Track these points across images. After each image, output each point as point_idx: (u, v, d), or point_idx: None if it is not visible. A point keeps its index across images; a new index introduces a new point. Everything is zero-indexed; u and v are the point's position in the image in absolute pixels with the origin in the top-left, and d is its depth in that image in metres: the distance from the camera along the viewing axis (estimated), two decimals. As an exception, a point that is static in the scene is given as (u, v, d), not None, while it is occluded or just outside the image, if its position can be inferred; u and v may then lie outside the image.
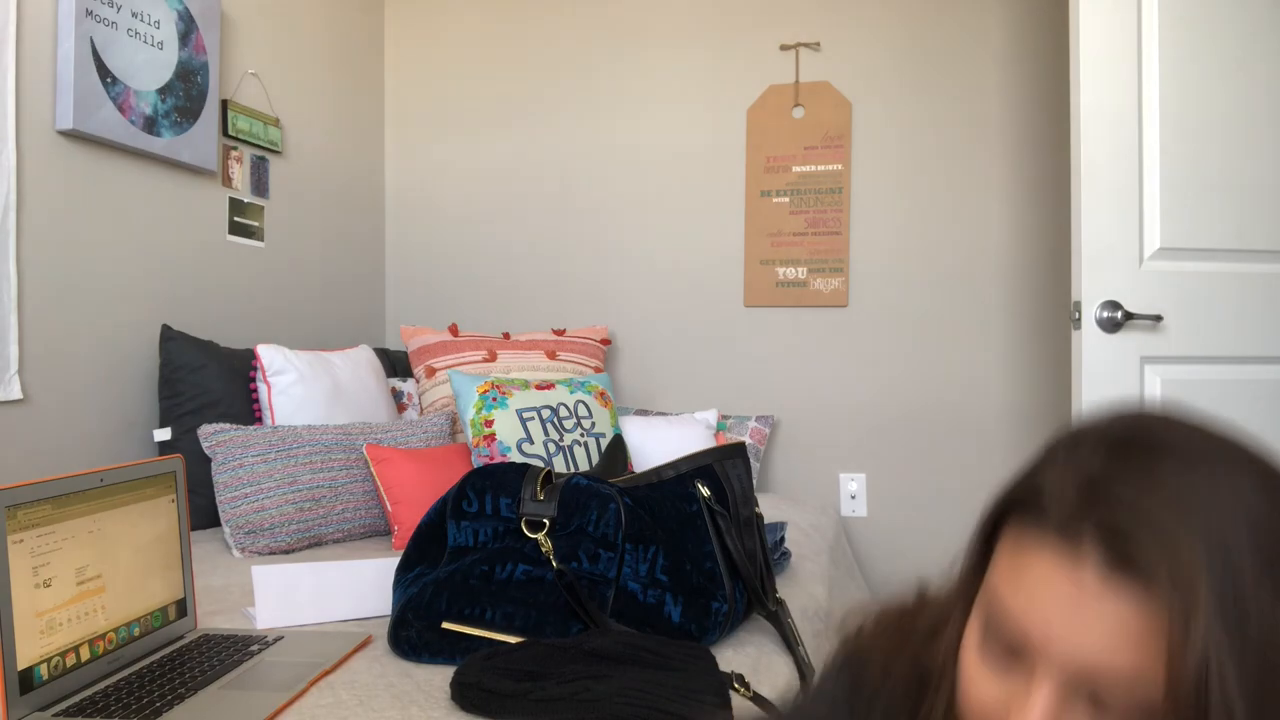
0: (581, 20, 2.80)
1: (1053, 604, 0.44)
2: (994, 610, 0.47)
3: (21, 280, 1.68)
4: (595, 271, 2.78)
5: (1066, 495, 0.44)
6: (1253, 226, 1.73)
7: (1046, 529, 0.45)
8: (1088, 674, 0.43)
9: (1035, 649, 0.45)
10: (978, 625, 0.49)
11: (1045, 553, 0.45)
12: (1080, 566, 0.43)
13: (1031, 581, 0.45)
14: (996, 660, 0.47)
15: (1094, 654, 0.42)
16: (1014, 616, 0.46)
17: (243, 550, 1.69)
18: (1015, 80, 2.45)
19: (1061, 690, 0.44)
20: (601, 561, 1.13)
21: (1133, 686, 0.42)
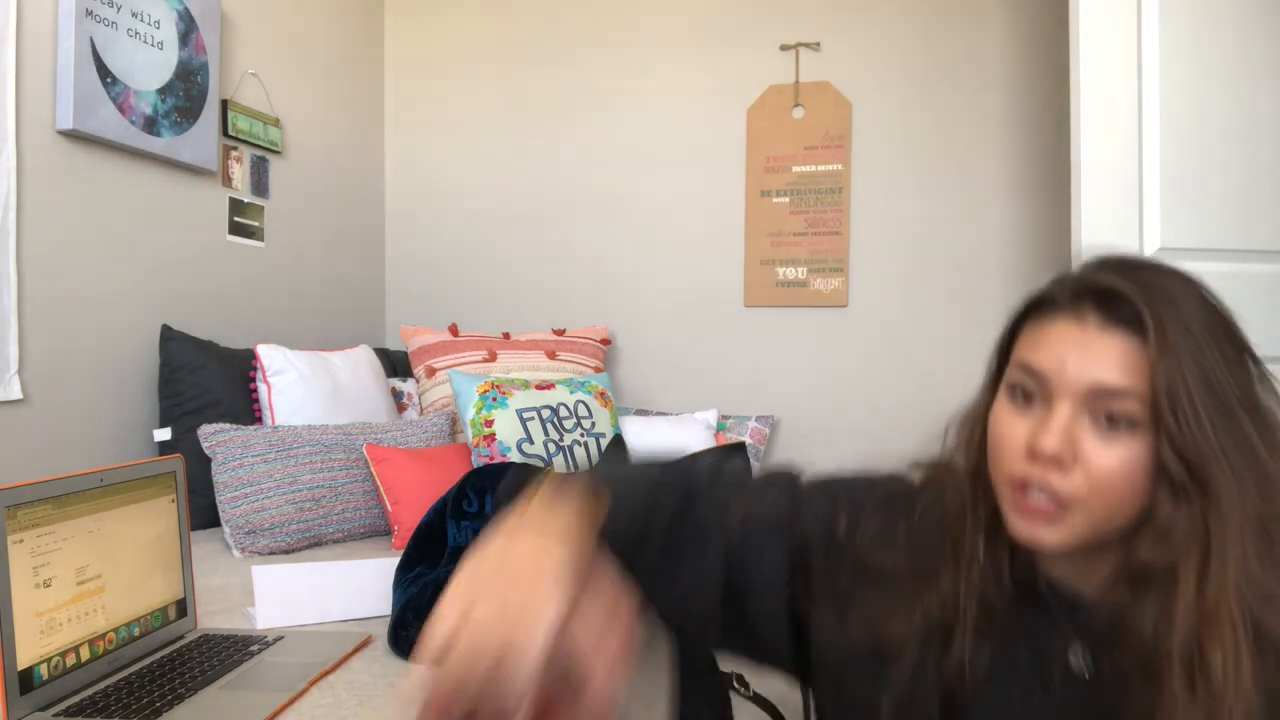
0: (581, 20, 2.80)
1: (1066, 348, 0.62)
2: (1019, 372, 0.65)
3: (21, 280, 1.68)
4: (595, 271, 2.78)
5: (1071, 283, 0.65)
6: (1253, 226, 1.73)
7: (1058, 308, 0.64)
8: (1092, 392, 0.61)
9: (1054, 382, 0.62)
10: (1004, 393, 0.67)
11: (1057, 320, 0.64)
12: (1085, 323, 0.62)
13: (1050, 340, 0.63)
14: (1022, 405, 0.64)
15: (1096, 376, 0.60)
16: (1037, 365, 0.63)
17: (243, 550, 1.69)
18: (1015, 80, 2.45)
19: (1074, 407, 0.61)
20: (601, 561, 1.13)
21: (1123, 399, 0.60)
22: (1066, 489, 0.60)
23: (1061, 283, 0.67)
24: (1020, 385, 0.65)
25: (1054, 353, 0.63)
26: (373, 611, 1.27)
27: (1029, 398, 0.64)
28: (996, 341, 0.72)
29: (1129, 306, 0.61)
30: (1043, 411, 0.63)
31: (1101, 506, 0.61)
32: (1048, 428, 0.61)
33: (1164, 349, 0.59)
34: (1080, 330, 0.62)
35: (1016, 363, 0.66)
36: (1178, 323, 0.61)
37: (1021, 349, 0.66)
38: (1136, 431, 0.60)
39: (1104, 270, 0.65)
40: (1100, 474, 0.60)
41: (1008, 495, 0.65)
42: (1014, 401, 0.65)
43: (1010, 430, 0.64)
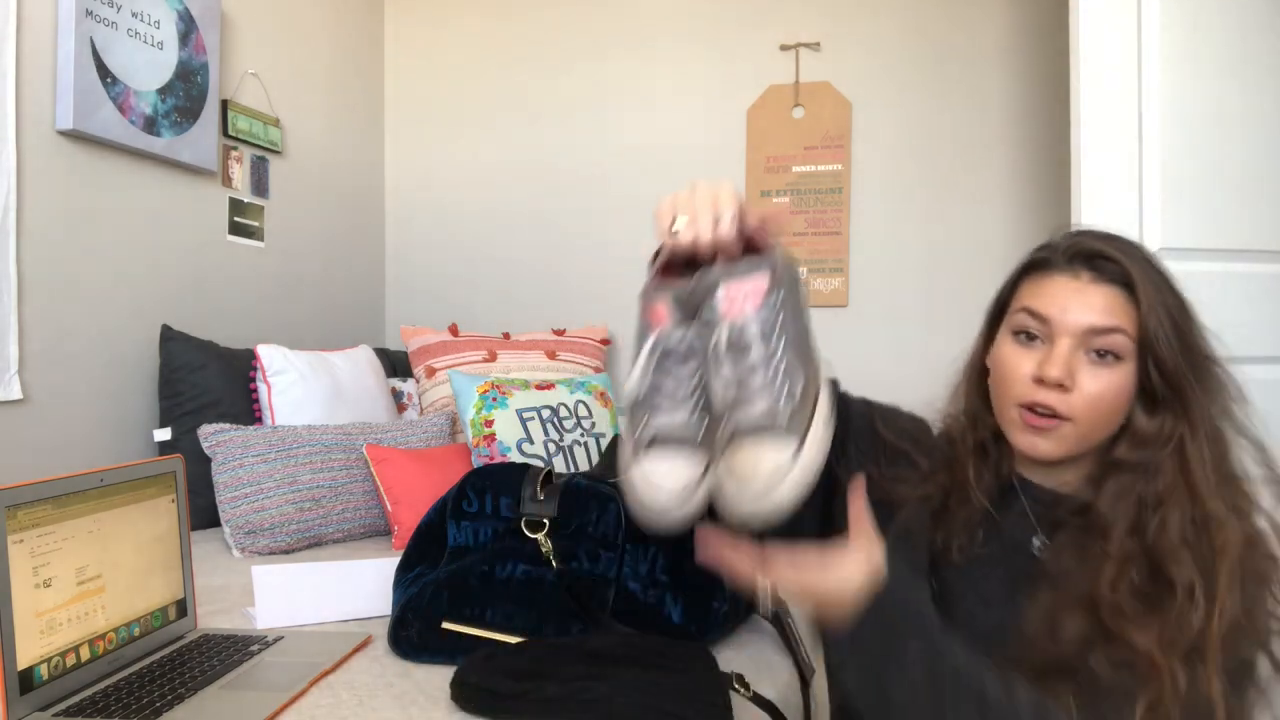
0: (581, 20, 2.80)
1: (1065, 296, 0.81)
2: (1024, 317, 0.84)
3: (21, 280, 1.68)
4: (595, 271, 2.78)
5: (1065, 248, 0.84)
6: (1254, 226, 1.72)
7: (1055, 266, 0.84)
8: (1088, 332, 0.80)
9: (1056, 323, 0.81)
10: (1009, 336, 0.85)
11: (1056, 276, 0.83)
12: (1079, 277, 0.82)
13: (1050, 290, 0.83)
14: (1026, 344, 0.83)
15: (1091, 319, 0.80)
16: (1039, 310, 0.82)
17: (243, 550, 1.69)
18: (1015, 80, 2.45)
19: (1072, 344, 0.80)
20: (602, 561, 1.13)
21: (1110, 336, 0.79)
22: (1066, 408, 0.80)
23: (1054, 248, 0.85)
24: (1025, 328, 0.84)
25: (1055, 300, 0.82)
26: (373, 611, 1.27)
27: (1032, 338, 0.83)
28: (994, 298, 0.91)
29: (1115, 266, 0.81)
30: (1045, 348, 0.82)
31: (1090, 423, 0.80)
32: (1052, 360, 0.80)
33: (1146, 295, 0.79)
34: (1077, 283, 0.82)
35: (1021, 309, 0.84)
36: (1151, 279, 0.81)
37: (1025, 299, 0.85)
38: (1120, 364, 0.80)
39: (1090, 238, 0.84)
40: (1093, 396, 0.80)
41: (1015, 416, 0.84)
42: (1018, 341, 0.84)
43: (1018, 362, 0.83)
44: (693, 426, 0.70)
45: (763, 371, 0.67)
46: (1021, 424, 0.83)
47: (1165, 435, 0.79)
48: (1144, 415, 0.81)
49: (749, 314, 0.67)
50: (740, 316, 0.67)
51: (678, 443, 0.70)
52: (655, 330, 0.71)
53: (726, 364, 0.67)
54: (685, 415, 0.70)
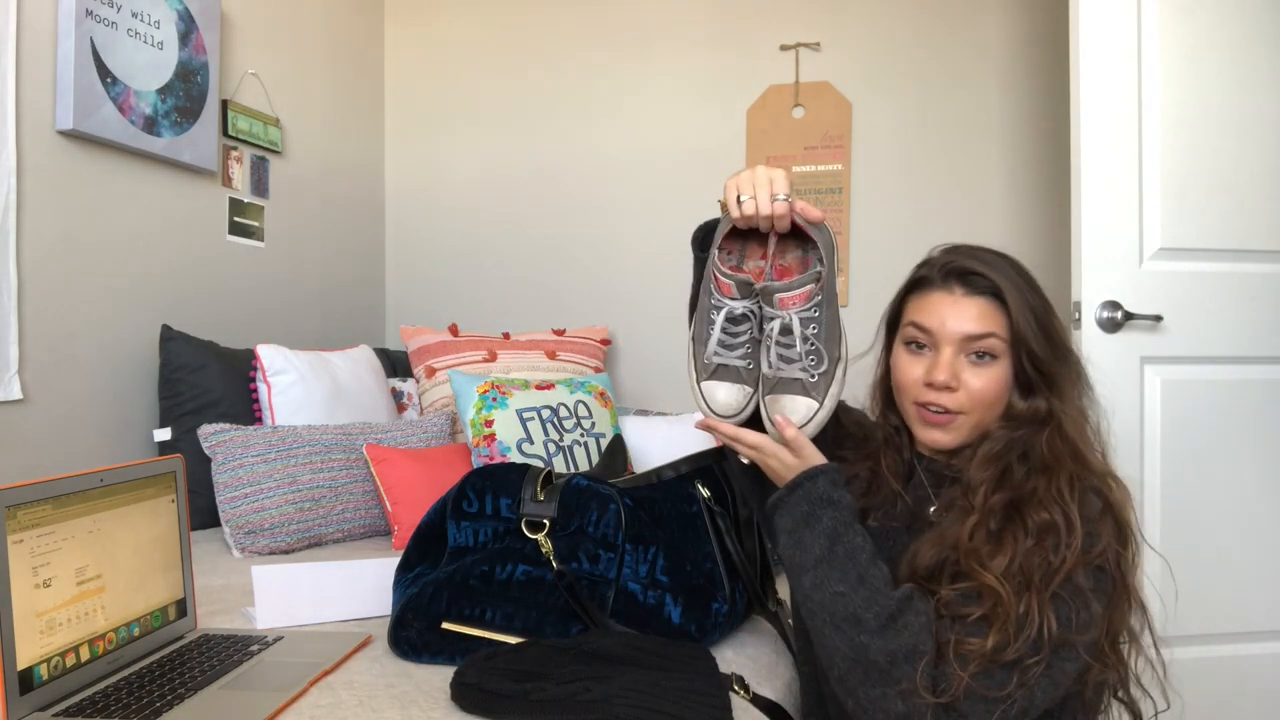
0: (581, 20, 2.80)
1: (943, 310, 0.98)
2: (912, 330, 1.01)
3: (21, 280, 1.68)
4: (595, 272, 2.78)
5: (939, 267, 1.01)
6: (1253, 226, 1.72)
7: (933, 284, 1.01)
8: (964, 339, 0.97)
9: (937, 333, 0.98)
10: (901, 348, 1.03)
11: (935, 292, 1.00)
12: (954, 292, 0.99)
13: (930, 306, 1.00)
14: (915, 353, 1.01)
15: (966, 328, 0.97)
16: (923, 323, 0.99)
17: (243, 550, 1.69)
18: (1015, 80, 2.45)
19: (953, 350, 0.97)
20: (602, 562, 1.13)
21: (984, 340, 0.96)
22: (955, 404, 0.98)
23: (931, 265, 1.02)
24: (914, 339, 1.01)
25: (935, 314, 0.99)
26: (373, 611, 1.27)
27: (921, 347, 1.00)
28: (886, 312, 1.10)
29: (983, 279, 0.97)
30: (932, 355, 0.99)
31: (979, 413, 0.98)
32: (938, 365, 0.97)
33: (1013, 300, 0.96)
34: (952, 297, 0.98)
35: (909, 324, 1.02)
36: (1016, 285, 0.97)
37: (911, 315, 1.02)
38: (996, 362, 0.97)
39: (962, 256, 1.00)
40: (977, 391, 0.97)
41: (914, 414, 1.02)
42: (909, 351, 1.02)
43: (910, 369, 1.01)
44: (743, 369, 1.02)
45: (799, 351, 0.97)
46: (921, 420, 1.01)
47: (1040, 414, 0.96)
48: (1019, 398, 0.97)
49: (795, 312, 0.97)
50: (789, 313, 0.97)
51: (733, 377, 1.02)
52: (725, 301, 1.01)
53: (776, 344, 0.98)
54: (739, 360, 1.02)
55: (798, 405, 0.97)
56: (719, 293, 1.01)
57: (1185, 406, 1.71)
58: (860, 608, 0.89)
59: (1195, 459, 1.71)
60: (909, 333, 1.01)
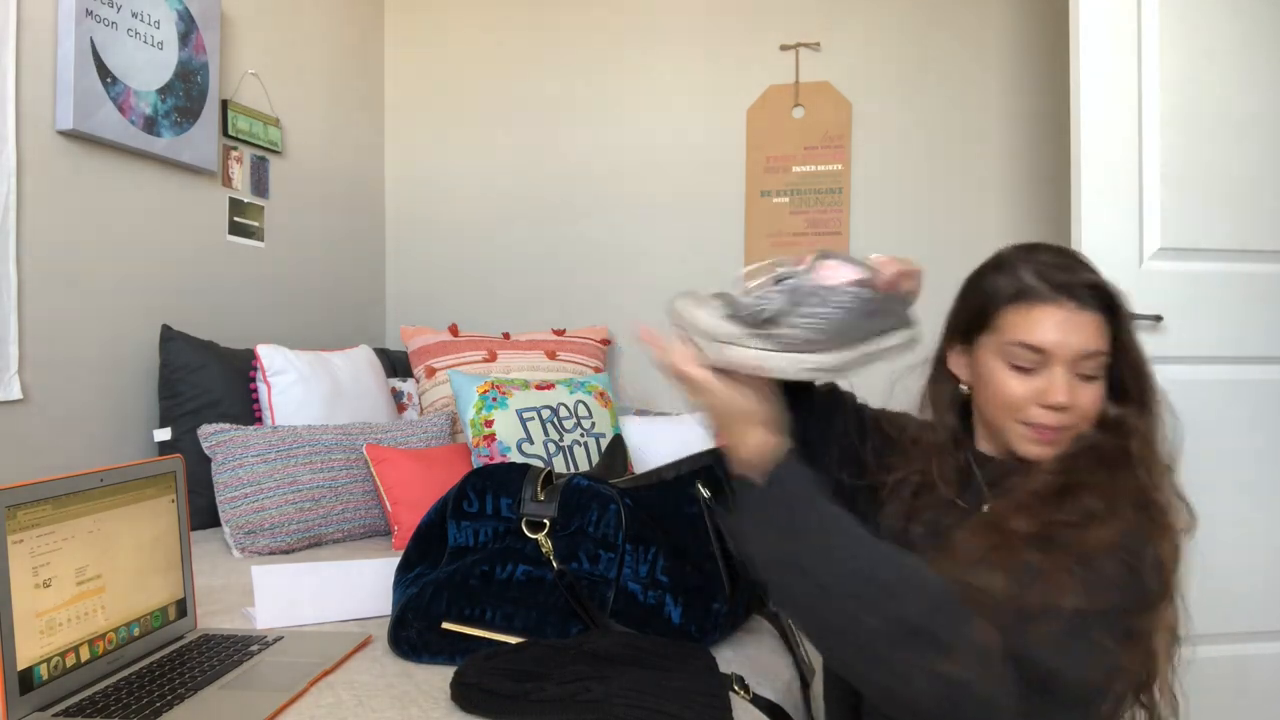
0: (581, 21, 2.80)
1: (1055, 328, 0.92)
2: (1016, 349, 0.94)
3: (21, 280, 1.68)
4: (595, 272, 2.78)
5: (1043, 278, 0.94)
6: (1253, 226, 1.72)
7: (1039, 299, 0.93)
8: (1077, 358, 0.92)
9: (1051, 354, 0.92)
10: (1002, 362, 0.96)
11: (1043, 308, 0.93)
12: (1065, 308, 0.92)
13: (1039, 323, 0.93)
14: (1022, 373, 0.94)
15: (1081, 346, 0.92)
16: (1035, 343, 0.92)
17: (243, 550, 1.69)
18: (1015, 80, 2.45)
19: (1067, 371, 0.92)
20: (602, 562, 1.13)
21: (1096, 357, 0.92)
22: (1068, 422, 0.93)
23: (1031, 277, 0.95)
24: (1020, 360, 0.94)
25: (1047, 333, 0.92)
26: (373, 611, 1.27)
27: (1026, 369, 0.94)
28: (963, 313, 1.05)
29: (1095, 292, 0.93)
30: (1043, 375, 0.93)
31: (1083, 426, 0.94)
32: (1055, 388, 0.92)
33: (1123, 313, 0.94)
34: (1063, 313, 0.92)
35: (1015, 341, 0.94)
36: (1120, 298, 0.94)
37: (1017, 333, 0.94)
38: (1099, 377, 0.94)
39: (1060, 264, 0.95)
40: (1084, 409, 0.93)
41: (1017, 431, 0.96)
42: (1015, 370, 0.95)
43: (1019, 390, 0.94)
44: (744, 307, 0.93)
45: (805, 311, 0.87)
46: (1029, 438, 0.95)
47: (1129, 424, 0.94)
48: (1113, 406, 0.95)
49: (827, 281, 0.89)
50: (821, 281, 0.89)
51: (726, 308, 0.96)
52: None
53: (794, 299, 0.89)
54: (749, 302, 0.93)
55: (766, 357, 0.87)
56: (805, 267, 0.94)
57: (1185, 406, 1.70)
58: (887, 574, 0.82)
59: (1195, 459, 1.71)
60: (1014, 353, 0.94)
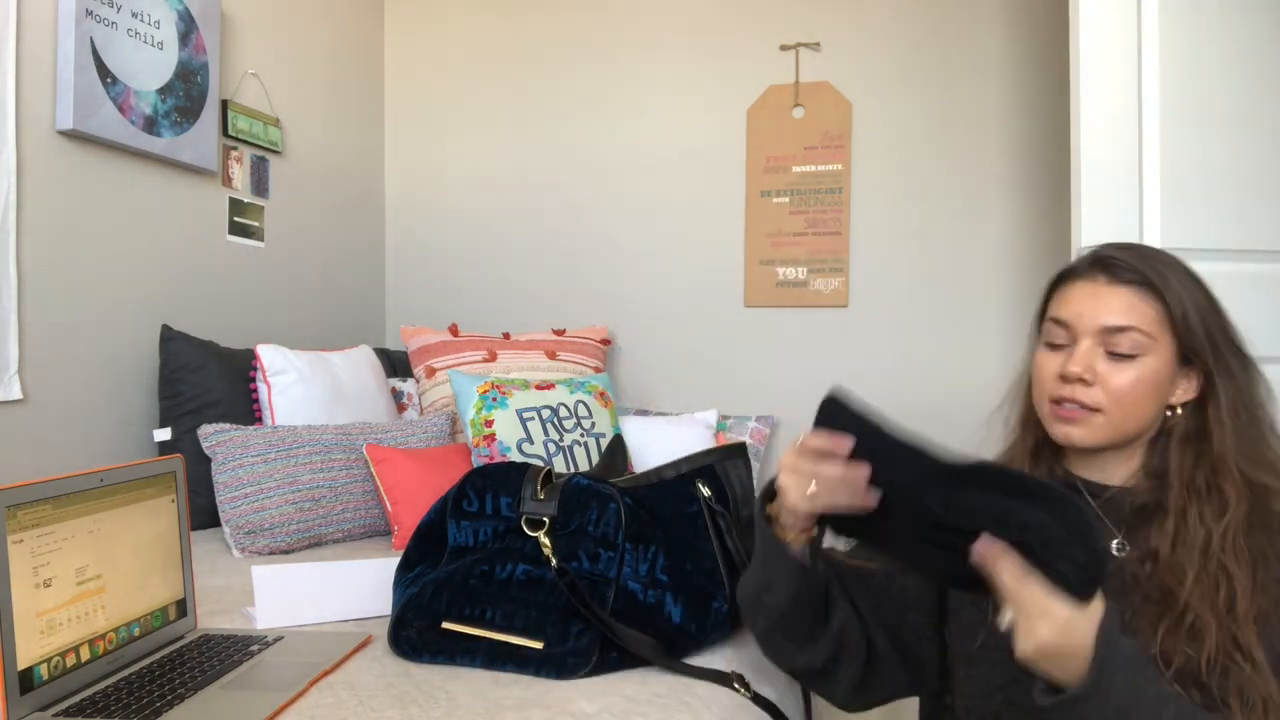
0: (581, 21, 2.80)
1: (1083, 301, 0.89)
2: (1049, 325, 0.93)
3: (21, 280, 1.68)
4: (595, 271, 2.78)
5: (1084, 260, 0.92)
6: (1254, 226, 1.72)
7: (1075, 277, 0.92)
8: (1104, 331, 0.87)
9: (1074, 326, 0.89)
10: (1042, 344, 0.94)
11: (1075, 283, 0.92)
12: (1096, 282, 0.90)
13: (1070, 297, 0.91)
14: (1054, 350, 0.92)
15: (1105, 320, 0.87)
16: (1062, 316, 0.91)
17: (243, 550, 1.69)
18: (1015, 80, 2.45)
19: (1091, 343, 0.88)
20: (602, 561, 1.13)
21: (1127, 333, 0.87)
22: (1091, 399, 0.87)
23: (1078, 260, 0.94)
24: (1053, 337, 0.92)
25: (1074, 305, 0.90)
26: (373, 611, 1.27)
27: (1057, 346, 0.92)
28: (1035, 316, 0.99)
29: (1131, 267, 0.88)
30: (1069, 351, 0.90)
31: (1120, 413, 0.87)
32: (1074, 358, 0.88)
33: (1166, 289, 0.87)
34: (1094, 286, 0.90)
35: (1049, 318, 0.93)
36: (1169, 276, 0.88)
37: (1052, 308, 0.94)
38: (1141, 360, 0.87)
39: (1112, 247, 0.92)
40: (1116, 389, 0.86)
41: (1049, 411, 0.92)
42: (1047, 350, 0.93)
43: (1047, 365, 0.92)
44: None
45: None
46: (1054, 417, 0.91)
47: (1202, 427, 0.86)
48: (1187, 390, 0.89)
49: None
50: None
51: None
52: None
53: None
54: None
55: None
56: None
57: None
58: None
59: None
60: (1048, 330, 0.93)
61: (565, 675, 1.05)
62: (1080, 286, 0.91)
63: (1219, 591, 0.79)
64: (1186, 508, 0.84)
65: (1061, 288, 0.94)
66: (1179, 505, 0.85)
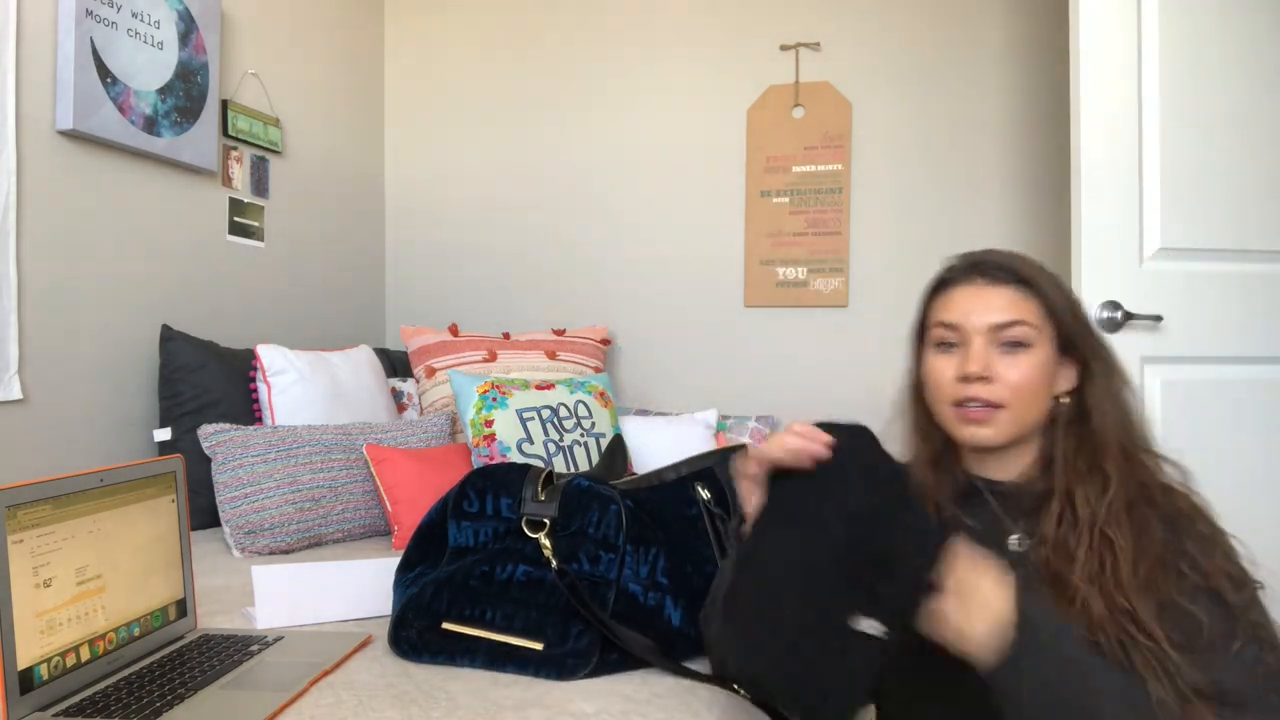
0: (582, 21, 2.80)
1: (968, 301, 0.94)
2: (939, 330, 0.96)
3: (21, 280, 1.68)
4: (595, 271, 2.78)
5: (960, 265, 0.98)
6: (1253, 226, 1.72)
7: (953, 283, 0.97)
8: (992, 329, 0.92)
9: (964, 327, 0.93)
10: (931, 348, 0.97)
11: (955, 288, 0.96)
12: (976, 284, 0.95)
13: (954, 301, 0.95)
14: (944, 351, 0.95)
15: (992, 318, 0.92)
16: (949, 320, 0.95)
17: (243, 550, 1.69)
18: (1015, 80, 2.45)
19: (983, 341, 0.92)
20: (602, 563, 1.13)
21: (1014, 328, 0.91)
22: (993, 395, 0.91)
23: (950, 268, 0.99)
24: (943, 339, 0.96)
25: (960, 308, 0.95)
26: (373, 611, 1.27)
27: (951, 346, 0.95)
28: (912, 327, 1.03)
29: (1005, 269, 0.94)
30: (962, 350, 0.94)
31: (1020, 406, 0.91)
32: (970, 358, 0.92)
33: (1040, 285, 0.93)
34: (975, 288, 0.95)
35: (935, 324, 0.97)
36: (1038, 274, 0.95)
37: (936, 314, 0.97)
38: (1030, 350, 0.92)
39: (980, 253, 0.98)
40: (1014, 382, 0.91)
41: (952, 414, 0.94)
42: (940, 352, 0.96)
43: (943, 368, 0.95)
44: None
45: None
46: (960, 419, 0.94)
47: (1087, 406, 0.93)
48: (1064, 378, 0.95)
49: None
50: None
51: None
52: None
53: None
54: None
55: None
56: None
57: (1185, 406, 1.71)
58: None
59: (1195, 459, 1.71)
60: (937, 333, 0.96)
61: (565, 676, 1.05)
62: (961, 290, 0.95)
63: (1105, 568, 0.85)
64: (1073, 491, 0.89)
65: (942, 294, 0.98)
66: (1065, 489, 0.90)
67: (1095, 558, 0.86)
